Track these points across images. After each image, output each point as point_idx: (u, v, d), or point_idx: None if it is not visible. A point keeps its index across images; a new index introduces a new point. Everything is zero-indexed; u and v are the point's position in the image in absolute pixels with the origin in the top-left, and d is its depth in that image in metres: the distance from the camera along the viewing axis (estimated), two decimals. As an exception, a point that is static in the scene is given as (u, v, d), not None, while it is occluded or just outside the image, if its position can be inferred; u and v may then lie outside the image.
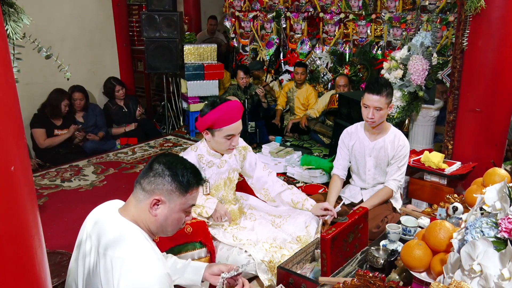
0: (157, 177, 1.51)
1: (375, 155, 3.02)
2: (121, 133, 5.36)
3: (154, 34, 5.45)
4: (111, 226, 1.50)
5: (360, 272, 1.65)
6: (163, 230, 1.58)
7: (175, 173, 1.52)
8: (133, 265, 1.40)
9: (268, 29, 6.61)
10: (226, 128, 2.51)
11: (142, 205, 1.52)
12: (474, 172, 3.18)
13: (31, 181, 1.08)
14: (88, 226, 1.56)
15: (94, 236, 1.50)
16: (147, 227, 1.54)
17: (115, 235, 1.46)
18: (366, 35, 5.75)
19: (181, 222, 1.60)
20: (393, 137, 2.98)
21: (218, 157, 2.70)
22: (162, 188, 1.51)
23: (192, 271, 1.87)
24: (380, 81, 2.87)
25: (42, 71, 4.74)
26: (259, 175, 2.91)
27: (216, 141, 2.57)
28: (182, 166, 1.55)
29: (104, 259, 1.42)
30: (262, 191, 2.97)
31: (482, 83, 3.16)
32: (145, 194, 1.52)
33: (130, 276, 1.38)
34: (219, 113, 2.48)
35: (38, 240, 1.08)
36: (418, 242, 1.70)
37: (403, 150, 2.96)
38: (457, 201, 2.15)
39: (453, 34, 3.96)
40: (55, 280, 1.94)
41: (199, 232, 2.49)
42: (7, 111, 0.97)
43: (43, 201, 3.76)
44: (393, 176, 2.99)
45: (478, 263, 1.33)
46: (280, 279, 2.30)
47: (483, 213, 1.54)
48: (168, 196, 1.52)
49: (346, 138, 3.13)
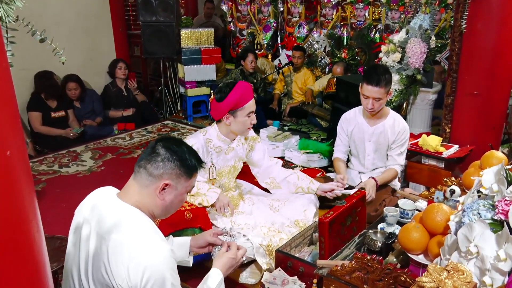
0: (166, 162, 1.52)
1: (375, 140, 3.02)
2: (119, 117, 5.33)
3: (150, 18, 5.39)
4: (112, 211, 1.50)
5: (358, 255, 1.66)
6: (166, 213, 1.61)
7: (183, 158, 1.55)
8: (139, 247, 1.41)
9: (265, 12, 6.55)
10: (247, 106, 2.57)
11: (148, 190, 1.52)
12: (472, 155, 3.19)
13: (27, 165, 1.07)
14: (84, 211, 1.56)
15: (93, 221, 1.50)
16: (151, 212, 1.55)
17: (117, 220, 1.46)
18: (364, 18, 5.71)
19: (183, 202, 1.65)
20: (392, 121, 2.98)
21: (227, 143, 2.71)
22: (171, 172, 1.52)
23: (178, 247, 1.93)
24: (378, 70, 2.83)
25: (38, 56, 4.67)
26: (268, 165, 2.94)
27: (239, 121, 2.60)
28: (187, 151, 1.59)
29: (109, 243, 1.42)
30: (268, 180, 2.98)
31: (480, 66, 3.14)
32: (152, 179, 1.52)
33: (138, 258, 1.39)
34: (239, 91, 2.53)
35: (36, 225, 1.08)
36: (416, 225, 1.71)
37: (403, 134, 2.97)
38: (454, 184, 2.16)
39: (452, 17, 3.92)
40: (54, 265, 1.95)
41: (199, 218, 2.49)
42: (2, 95, 0.96)
43: (41, 187, 3.76)
44: (397, 161, 3.02)
45: (475, 245, 1.34)
46: (279, 262, 2.32)
47: (480, 195, 1.54)
48: (176, 180, 1.54)
49: (344, 123, 3.13)
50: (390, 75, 2.87)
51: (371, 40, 5.63)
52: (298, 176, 2.95)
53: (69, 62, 1.49)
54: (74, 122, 4.97)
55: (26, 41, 1.30)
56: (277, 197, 2.92)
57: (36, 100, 4.74)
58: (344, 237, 2.22)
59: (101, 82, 5.61)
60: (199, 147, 2.61)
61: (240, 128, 2.65)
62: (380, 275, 1.61)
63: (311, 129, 5.27)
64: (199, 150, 2.60)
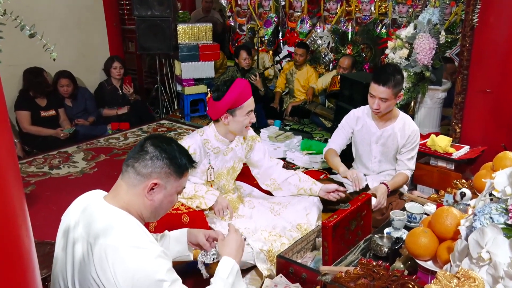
0: (155, 160, 1.52)
1: (383, 142, 3.01)
2: (112, 115, 5.32)
3: (145, 13, 5.39)
4: (100, 214, 1.51)
5: (363, 261, 1.66)
6: (155, 215, 1.61)
7: (173, 156, 1.55)
8: (127, 252, 1.41)
9: (266, 7, 6.55)
10: (246, 104, 2.59)
11: (136, 190, 1.53)
12: (483, 156, 3.19)
13: (16, 166, 1.07)
14: (73, 213, 1.56)
15: (82, 224, 1.50)
16: (139, 213, 1.55)
17: (105, 224, 1.47)
18: (369, 12, 5.71)
19: (173, 204, 1.66)
20: (402, 124, 2.96)
21: (225, 144, 2.71)
22: (160, 171, 1.53)
23: (175, 242, 1.93)
24: (388, 69, 2.81)
25: (26, 52, 4.66)
26: (268, 166, 2.94)
27: (237, 121, 2.61)
28: (178, 149, 1.59)
29: (96, 248, 1.43)
30: (269, 181, 2.98)
31: (493, 62, 3.14)
32: (141, 178, 1.52)
33: (126, 263, 1.40)
34: (238, 90, 2.54)
35: (26, 229, 1.08)
36: (424, 230, 1.71)
37: (414, 138, 2.96)
38: (465, 187, 2.16)
39: (463, 10, 3.92)
40: (44, 272, 1.94)
41: (197, 222, 2.49)
42: (-11, 93, 0.96)
43: (30, 189, 3.76)
44: (408, 166, 3.00)
45: (487, 251, 1.33)
46: (280, 268, 2.32)
47: (493, 198, 1.54)
48: (166, 179, 1.54)
49: (352, 120, 3.12)
50: (401, 77, 2.83)
51: (377, 36, 5.63)
52: (300, 177, 2.95)
53: (60, 58, 1.48)
54: (65, 121, 4.96)
55: (13, 36, 1.30)
56: (279, 200, 2.92)
57: (24, 98, 4.72)
58: (348, 242, 2.22)
59: (94, 80, 5.60)
60: (196, 148, 2.61)
61: (239, 128, 2.65)
62: (386, 282, 1.61)
63: (314, 129, 5.27)
64: (196, 151, 2.60)
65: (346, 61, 5.21)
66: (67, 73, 5.03)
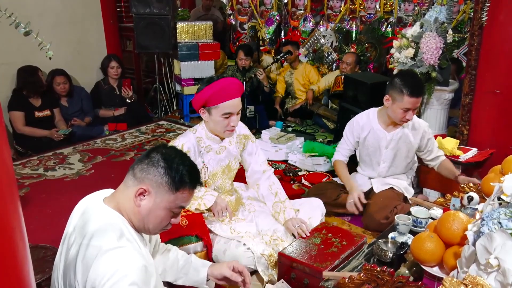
0: (150, 166, 1.52)
1: (393, 146, 3.03)
2: (109, 116, 5.32)
3: (144, 10, 5.40)
4: (95, 216, 1.51)
5: (367, 266, 1.66)
6: (144, 226, 1.56)
7: (170, 167, 1.51)
8: (108, 254, 1.40)
9: (268, 4, 6.55)
10: (222, 105, 2.49)
11: (128, 192, 1.53)
12: (492, 159, 3.18)
13: (10, 168, 1.07)
14: (74, 218, 1.57)
15: (78, 227, 1.51)
16: (129, 218, 1.54)
17: (96, 225, 1.47)
18: (374, 10, 5.71)
19: (165, 223, 1.57)
20: (411, 124, 3.01)
21: (217, 142, 2.69)
22: (152, 178, 1.51)
23: (194, 273, 1.89)
24: (416, 79, 2.92)
25: (20, 50, 4.67)
26: (254, 170, 2.86)
27: (213, 120, 2.56)
28: (180, 162, 1.54)
29: (84, 249, 1.43)
30: (255, 187, 2.93)
31: (502, 62, 3.14)
32: (135, 181, 1.53)
33: (103, 265, 1.38)
34: (215, 88, 2.48)
35: (20, 233, 1.08)
36: (430, 234, 1.70)
37: (428, 130, 3.07)
38: (472, 191, 2.16)
39: (471, 8, 3.92)
40: (38, 277, 1.94)
41: (195, 225, 2.49)
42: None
43: (25, 191, 3.76)
44: (440, 153, 3.10)
45: (496, 257, 1.33)
46: (281, 274, 2.32)
47: (501, 203, 1.54)
48: (156, 188, 1.51)
49: (356, 129, 3.12)
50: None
51: (382, 35, 5.63)
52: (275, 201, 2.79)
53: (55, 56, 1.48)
54: (61, 122, 4.97)
55: (6, 33, 1.30)
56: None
57: (18, 98, 4.72)
58: (336, 253, 2.31)
59: (90, 78, 5.60)
60: (190, 147, 2.60)
61: (217, 128, 2.60)
62: (391, 289, 1.61)
63: (317, 131, 5.27)
64: (190, 150, 2.60)
65: (350, 58, 5.21)
66: (61, 71, 5.03)
